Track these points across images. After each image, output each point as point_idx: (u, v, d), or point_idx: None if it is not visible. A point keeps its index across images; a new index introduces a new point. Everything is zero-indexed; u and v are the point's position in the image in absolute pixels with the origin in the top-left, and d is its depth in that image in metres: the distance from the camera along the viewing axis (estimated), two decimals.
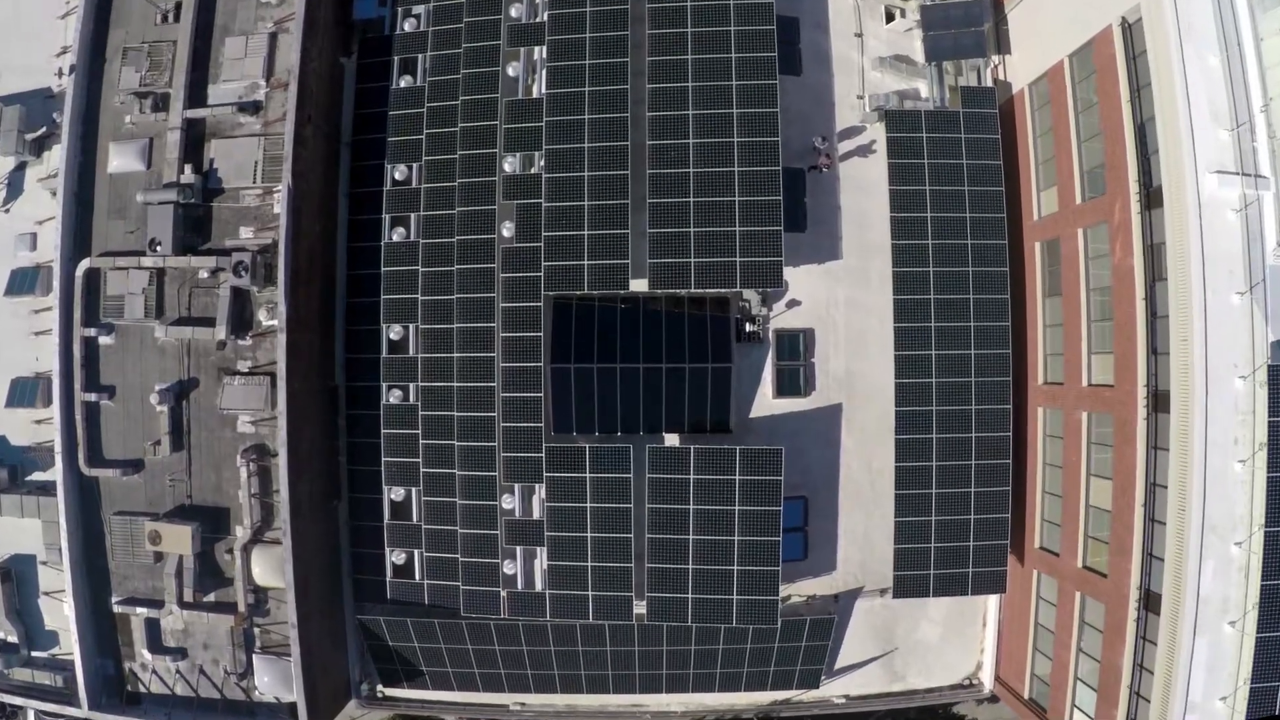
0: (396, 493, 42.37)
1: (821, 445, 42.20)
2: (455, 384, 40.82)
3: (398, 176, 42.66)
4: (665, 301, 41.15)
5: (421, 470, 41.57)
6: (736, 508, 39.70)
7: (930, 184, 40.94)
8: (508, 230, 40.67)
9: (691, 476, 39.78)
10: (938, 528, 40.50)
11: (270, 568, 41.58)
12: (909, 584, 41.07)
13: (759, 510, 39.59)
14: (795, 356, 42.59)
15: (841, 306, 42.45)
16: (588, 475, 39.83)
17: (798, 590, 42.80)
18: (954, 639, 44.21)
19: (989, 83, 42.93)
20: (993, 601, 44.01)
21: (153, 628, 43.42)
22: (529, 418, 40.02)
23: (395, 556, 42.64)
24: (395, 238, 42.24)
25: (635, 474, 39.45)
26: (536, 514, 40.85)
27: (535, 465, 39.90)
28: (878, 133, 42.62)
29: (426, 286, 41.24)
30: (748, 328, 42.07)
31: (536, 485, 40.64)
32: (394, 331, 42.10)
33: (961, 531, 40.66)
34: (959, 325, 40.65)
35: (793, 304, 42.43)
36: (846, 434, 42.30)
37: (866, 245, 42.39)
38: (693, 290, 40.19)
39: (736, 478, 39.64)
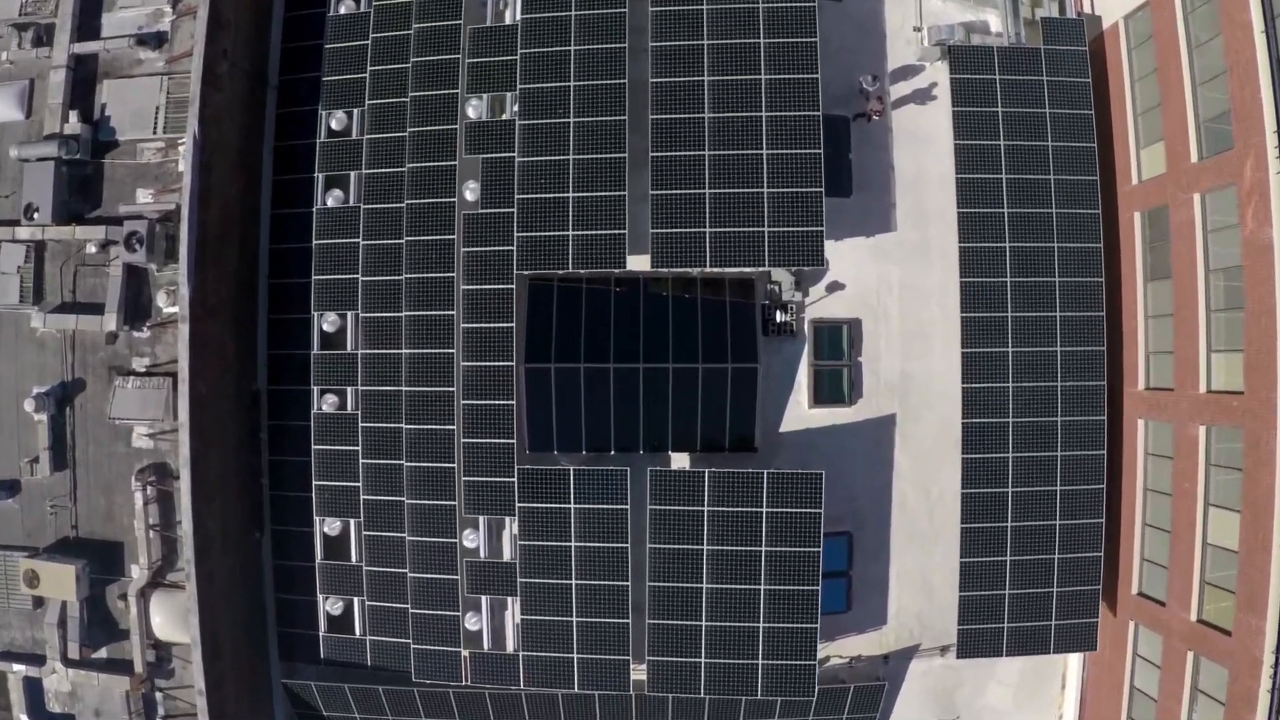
0: (331, 525, 35.72)
1: (869, 467, 35.91)
2: (404, 388, 34.32)
3: (335, 125, 35.83)
4: (672, 285, 34.97)
5: (362, 497, 34.97)
6: (763, 548, 33.16)
7: (1005, 138, 34.44)
8: (471, 193, 34.22)
9: (706, 508, 33.23)
10: (1014, 570, 34.22)
11: (174, 618, 35.09)
12: (977, 640, 34.71)
13: (793, 552, 33.06)
14: (837, 354, 36.02)
15: (895, 291, 35.97)
16: (572, 506, 33.40)
17: (839, 650, 36.48)
18: (1028, 704, 38.06)
19: (1075, 13, 36.36)
20: (1075, 659, 37.79)
21: (33, 689, 36.97)
22: (497, 432, 33.46)
23: (331, 606, 35.95)
24: (330, 202, 35.54)
25: (633, 505, 33.18)
26: (507, 555, 34.56)
27: (505, 493, 33.41)
28: (939, 74, 36.23)
29: (369, 264, 34.64)
30: (778, 317, 35.44)
31: (507, 518, 34.27)
32: (328, 321, 35.41)
33: (1043, 574, 34.43)
34: (1041, 315, 34.20)
35: (834, 288, 35.92)
36: (901, 452, 35.95)
37: (926, 214, 35.98)
38: (708, 270, 33.89)
39: (764, 510, 33.09)
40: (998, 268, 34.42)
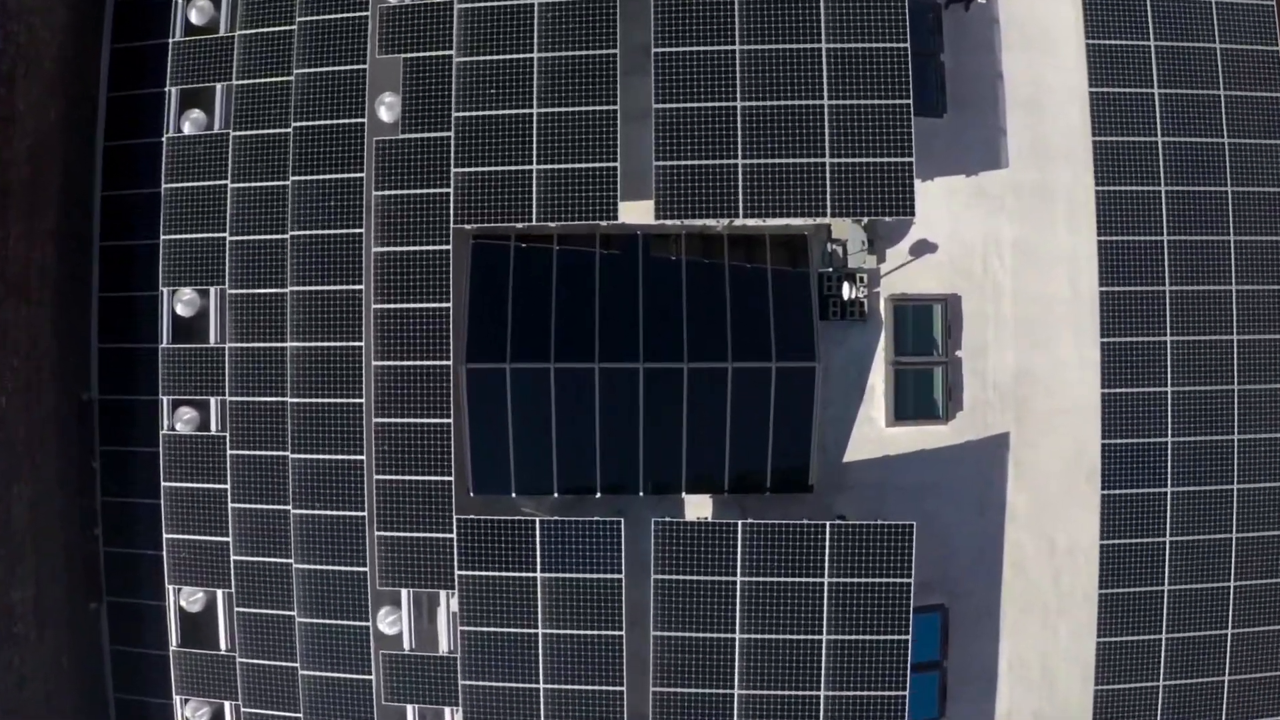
0: (190, 598, 26.04)
1: (971, 510, 26.81)
2: (289, 399, 24.88)
3: (195, 18, 26.74)
4: (687, 245, 25.78)
5: (233, 558, 25.47)
6: (824, 637, 23.58)
7: (1155, 36, 26.54)
8: (388, 110, 25.13)
9: (739, 577, 23.70)
10: (1171, 652, 26.41)
11: None
12: None
13: (869, 641, 23.58)
14: (927, 347, 26.74)
15: (1007, 255, 26.91)
16: (538, 575, 23.89)
17: None
18: None
19: None
20: None
21: None
22: (427, 465, 24.39)
23: (193, 713, 26.24)
24: (188, 128, 26.37)
25: (630, 572, 24.79)
26: (444, 645, 25.38)
27: (440, 555, 24.38)
28: None
29: (241, 218, 25.69)
30: (845, 293, 26.00)
31: (443, 593, 25.04)
32: (182, 301, 26.08)
33: (1212, 658, 26.56)
34: (1212, 290, 26.28)
35: (922, 250, 26.80)
36: (1015, 488, 26.83)
37: (1048, 145, 27.26)
38: (740, 223, 25.46)
39: (824, 579, 23.50)
40: (1150, 223, 26.47)
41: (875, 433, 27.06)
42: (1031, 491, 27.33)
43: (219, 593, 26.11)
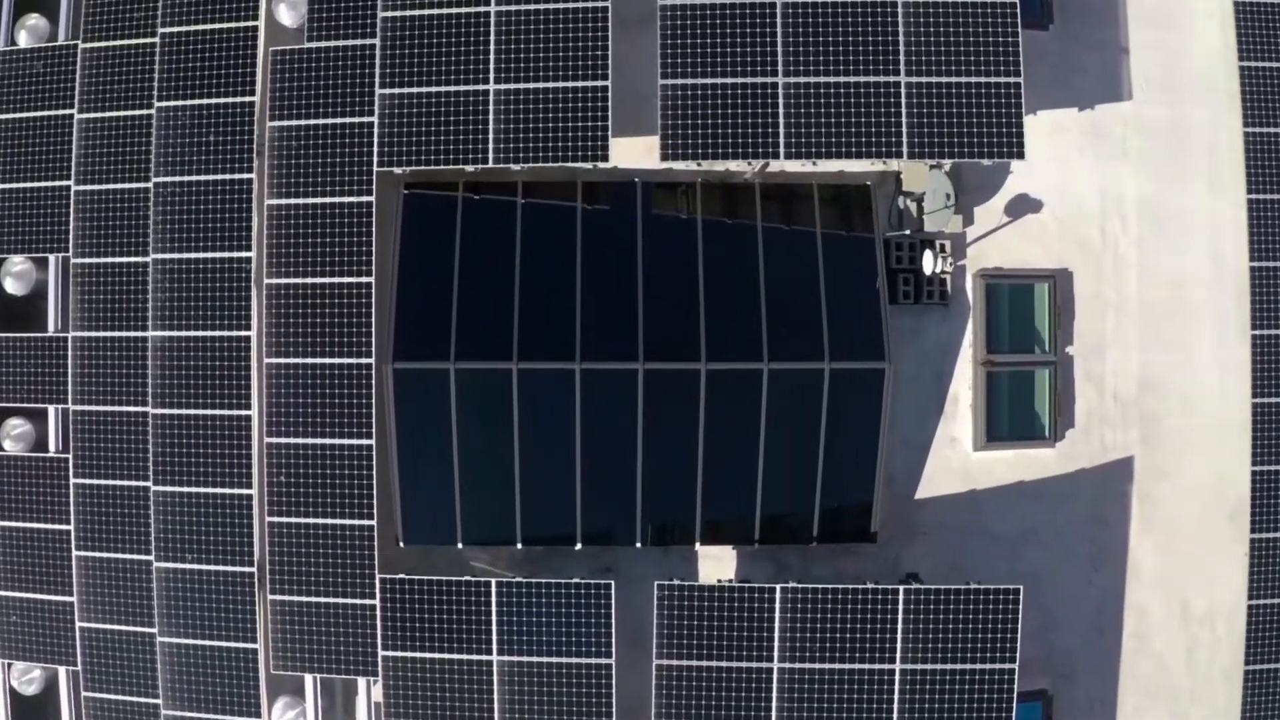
0: (24, 678, 20.04)
1: (1082, 563, 21.02)
2: (151, 409, 18.86)
3: None
4: (703, 199, 19.70)
5: (78, 625, 19.45)
6: None
7: None
8: (291, 11, 19.06)
9: (776, 665, 17.77)
10: None
11: None
12: None
13: None
14: (1027, 341, 20.74)
15: (1131, 217, 21.08)
16: (495, 658, 17.89)
17: None
18: None
19: None
20: None
21: None
22: (338, 503, 18.34)
23: None
24: (23, 39, 20.15)
25: (627, 650, 18.85)
26: None
27: (358, 627, 18.26)
28: None
29: (89, 160, 19.48)
30: (927, 264, 19.79)
31: (361, 680, 18.92)
32: (10, 274, 20.08)
33: None
34: None
35: (1021, 208, 20.88)
36: (1140, 532, 20.93)
37: (1182, 70, 21.84)
38: (777, 168, 19.90)
39: (895, 667, 17.63)
40: None
41: (959, 459, 21.08)
42: (1160, 537, 21.54)
43: (61, 671, 20.30)
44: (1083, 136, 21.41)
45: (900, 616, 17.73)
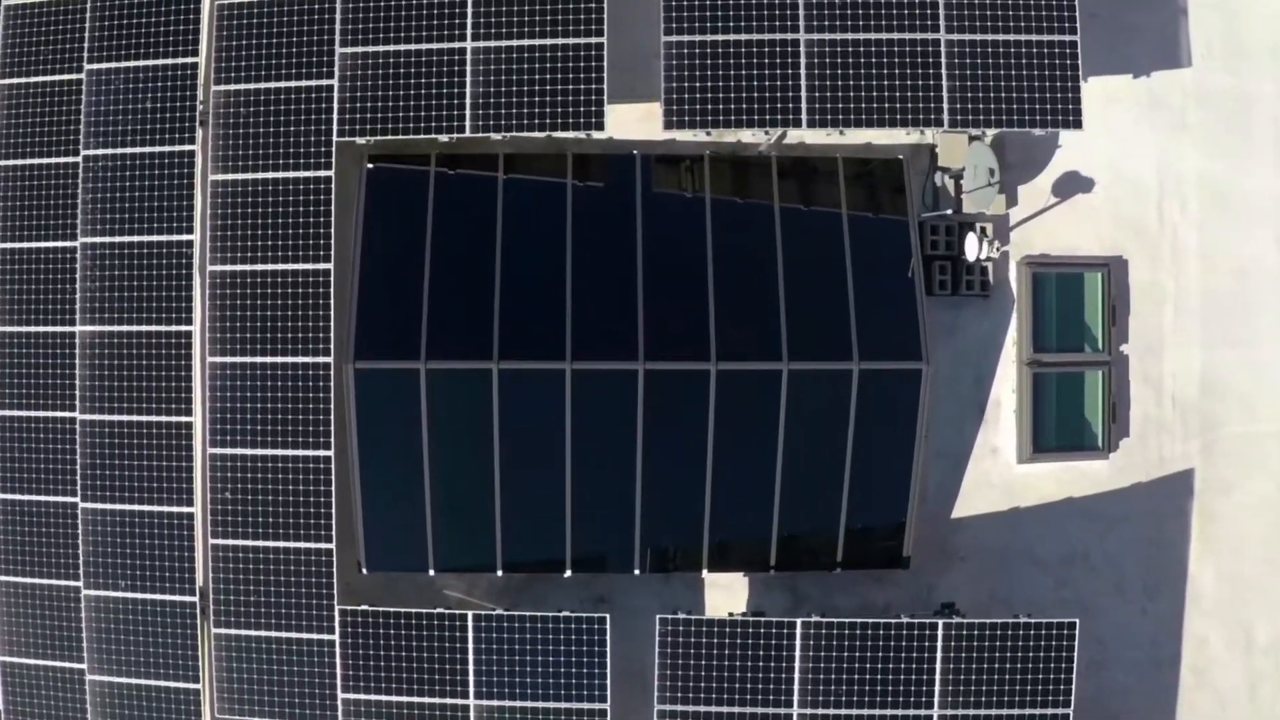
0: None
1: (1136, 590, 19.41)
2: (79, 416, 17.35)
3: None
4: (713, 175, 18.43)
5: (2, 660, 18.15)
6: None
7: None
8: None
9: (796, 711, 16.16)
10: None
11: None
12: None
13: None
14: (1076, 338, 19.08)
15: (1192, 198, 19.77)
16: (472, 702, 16.45)
17: None
18: None
19: None
20: None
21: None
22: (292, 524, 16.72)
23: None
24: None
25: (618, 696, 17.30)
26: None
27: (311, 666, 16.66)
28: None
29: (8, 132, 18.27)
30: (971, 250, 18.17)
31: None
32: None
33: None
34: None
35: (1070, 187, 19.24)
36: (1200, 555, 19.53)
37: (1244, 35, 20.59)
38: (797, 139, 18.43)
39: (934, 712, 16.01)
40: None
41: (1000, 473, 19.48)
42: (1222, 559, 20.32)
43: None
44: (1138, 107, 19.88)
45: (939, 655, 15.93)
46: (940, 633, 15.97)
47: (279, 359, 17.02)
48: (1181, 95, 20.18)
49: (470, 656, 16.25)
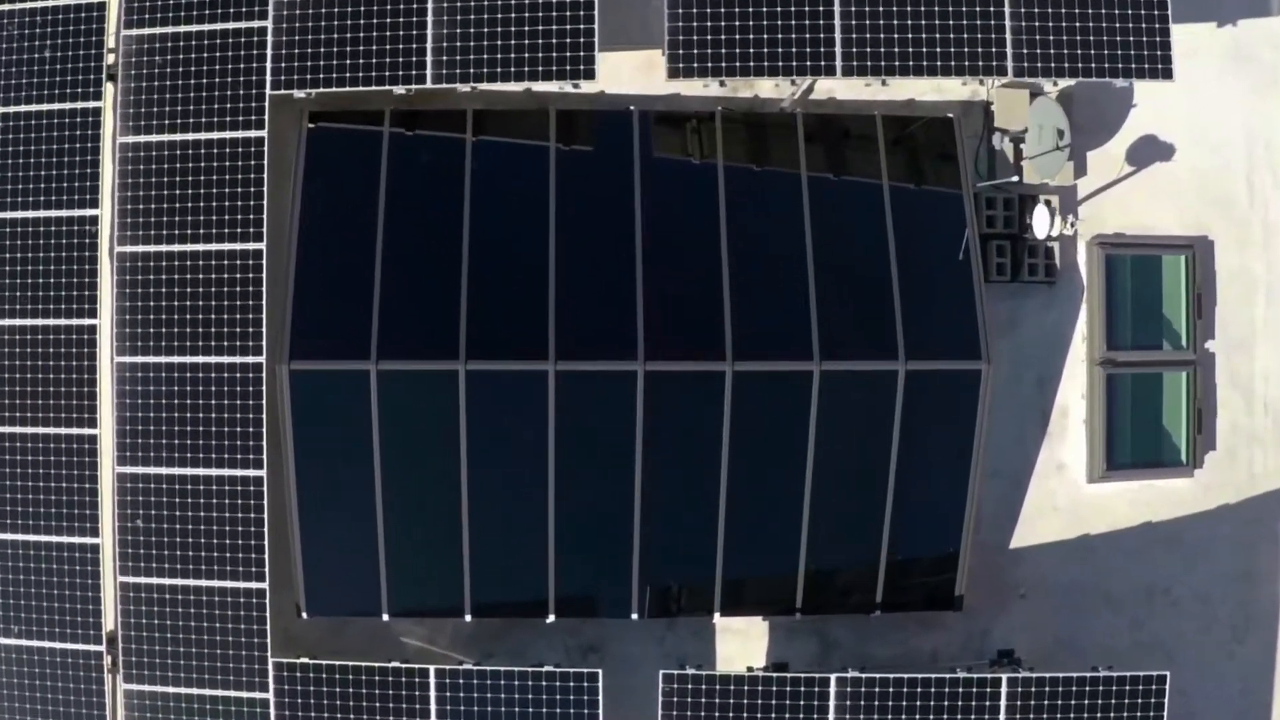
0: None
1: (1223, 632, 16.49)
2: None
3: None
4: (725, 137, 15.43)
5: None
6: None
7: None
8: None
9: None
10: None
11: None
12: None
13: None
14: (1154, 333, 16.38)
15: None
16: None
17: None
18: None
19: None
20: None
21: None
22: (216, 559, 14.18)
23: None
24: None
25: None
26: None
27: None
28: None
29: None
30: (1040, 226, 15.79)
31: None
32: None
33: None
34: None
35: (1145, 154, 16.57)
36: None
37: None
38: (826, 92, 15.78)
39: None
40: None
41: (1067, 493, 16.85)
42: None
43: None
44: (1222, 61, 17.21)
45: (1001, 715, 13.84)
46: (1005, 689, 13.39)
47: (201, 358, 14.64)
48: (1273, 50, 17.60)
49: (433, 717, 14.17)
